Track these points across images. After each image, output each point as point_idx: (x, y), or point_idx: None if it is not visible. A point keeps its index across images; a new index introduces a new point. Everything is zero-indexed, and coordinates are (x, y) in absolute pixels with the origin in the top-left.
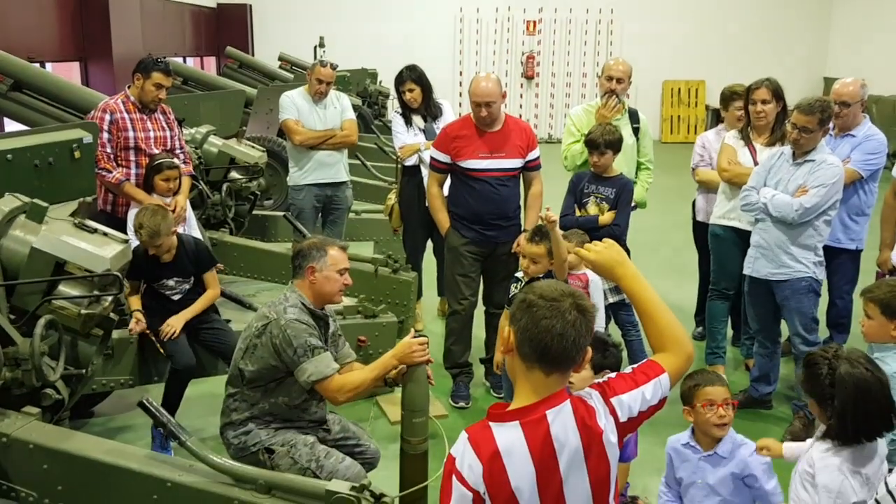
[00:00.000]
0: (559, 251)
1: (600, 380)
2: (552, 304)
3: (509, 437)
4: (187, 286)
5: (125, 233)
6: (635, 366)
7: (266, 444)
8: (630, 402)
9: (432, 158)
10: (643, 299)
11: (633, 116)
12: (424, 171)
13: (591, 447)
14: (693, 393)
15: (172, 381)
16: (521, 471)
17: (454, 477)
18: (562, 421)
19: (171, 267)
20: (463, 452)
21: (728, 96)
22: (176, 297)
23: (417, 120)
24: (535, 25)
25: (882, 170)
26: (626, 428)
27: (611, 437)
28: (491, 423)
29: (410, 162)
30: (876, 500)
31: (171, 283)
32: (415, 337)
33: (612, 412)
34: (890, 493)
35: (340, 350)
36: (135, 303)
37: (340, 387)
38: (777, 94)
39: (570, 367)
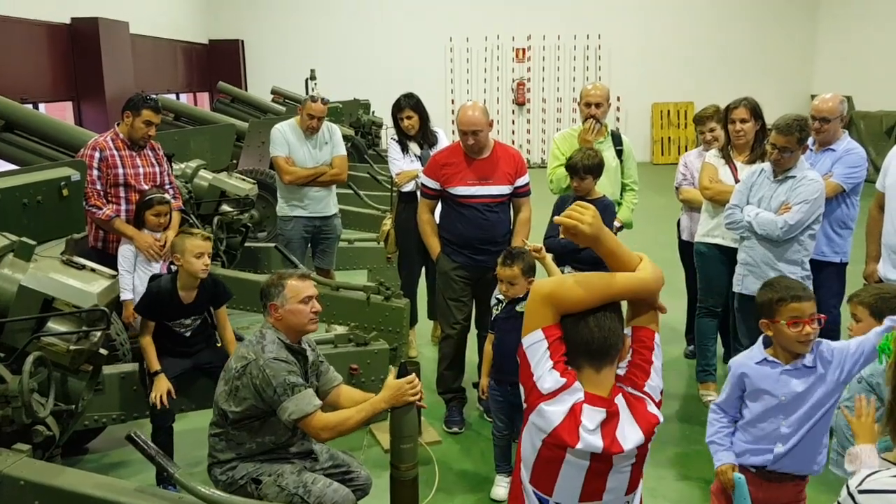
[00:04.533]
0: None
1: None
2: None
3: None
4: (199, 321)
5: (116, 269)
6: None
7: (253, 476)
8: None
9: (422, 185)
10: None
11: (616, 139)
12: None
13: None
14: (776, 308)
15: (155, 431)
16: None
17: None
18: None
19: (191, 308)
20: None
21: (698, 119)
22: (188, 334)
23: (414, 147)
24: (524, 53)
25: (863, 183)
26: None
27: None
28: None
29: (407, 188)
30: (838, 502)
31: (187, 321)
32: (401, 368)
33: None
34: (851, 495)
35: (325, 375)
36: (150, 349)
37: (325, 425)
38: (755, 112)
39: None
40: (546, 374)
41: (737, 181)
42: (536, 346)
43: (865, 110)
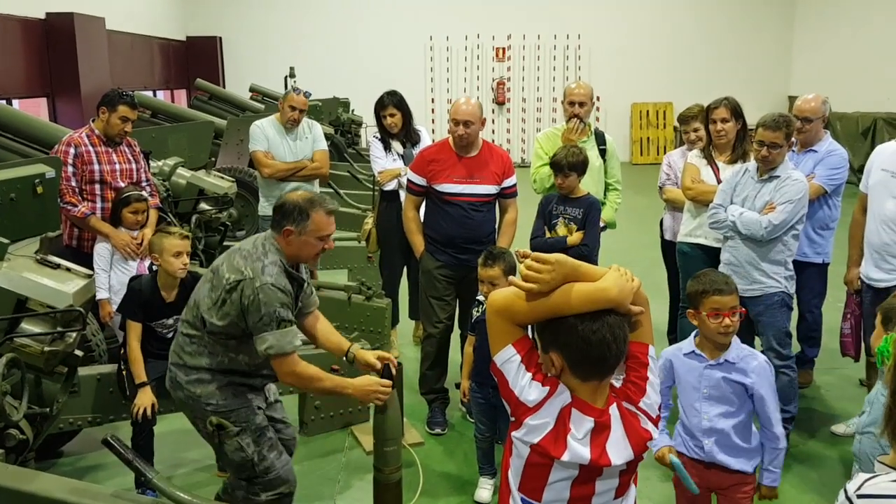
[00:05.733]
0: None
1: (631, 408)
2: None
3: None
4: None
5: (91, 268)
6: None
7: (221, 412)
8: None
9: (409, 181)
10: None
11: (600, 138)
12: (404, 196)
13: None
14: (700, 299)
15: (135, 434)
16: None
17: None
18: None
19: (173, 307)
20: None
21: (683, 119)
22: (169, 335)
23: (396, 145)
24: (504, 52)
25: (845, 184)
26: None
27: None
28: None
29: (390, 187)
30: None
31: (170, 321)
32: (385, 369)
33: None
34: (849, 499)
35: (308, 298)
36: (139, 360)
37: (295, 371)
38: (736, 112)
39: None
40: (528, 386)
41: (719, 181)
42: (510, 363)
43: (842, 112)
